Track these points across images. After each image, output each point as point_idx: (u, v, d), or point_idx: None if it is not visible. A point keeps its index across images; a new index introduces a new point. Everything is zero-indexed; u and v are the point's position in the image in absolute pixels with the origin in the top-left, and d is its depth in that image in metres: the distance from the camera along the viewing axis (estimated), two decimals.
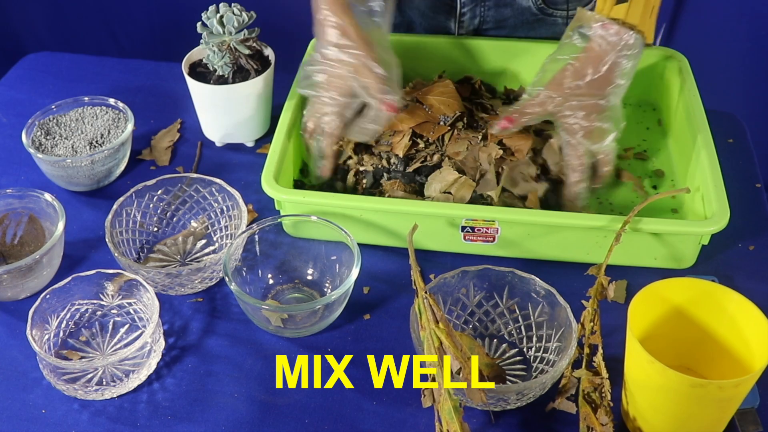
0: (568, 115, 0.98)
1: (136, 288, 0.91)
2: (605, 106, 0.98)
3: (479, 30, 1.23)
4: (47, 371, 0.86)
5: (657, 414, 0.77)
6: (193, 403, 0.86)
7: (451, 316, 0.90)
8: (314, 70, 1.01)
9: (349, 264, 0.92)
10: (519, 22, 1.21)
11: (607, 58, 0.96)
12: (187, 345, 0.92)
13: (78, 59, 1.36)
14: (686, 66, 1.14)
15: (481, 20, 1.21)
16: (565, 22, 1.21)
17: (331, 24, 0.99)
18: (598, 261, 0.92)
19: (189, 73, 1.13)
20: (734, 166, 1.09)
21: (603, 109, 0.98)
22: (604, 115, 0.98)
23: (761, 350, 0.75)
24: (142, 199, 1.01)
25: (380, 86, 0.98)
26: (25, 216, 1.02)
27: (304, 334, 0.92)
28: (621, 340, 0.79)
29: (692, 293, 0.81)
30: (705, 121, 1.05)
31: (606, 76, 0.96)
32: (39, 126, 1.11)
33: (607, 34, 0.95)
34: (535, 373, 0.87)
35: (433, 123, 1.06)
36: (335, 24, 0.98)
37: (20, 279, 0.94)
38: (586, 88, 0.97)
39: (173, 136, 1.19)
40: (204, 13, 1.09)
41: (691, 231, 0.94)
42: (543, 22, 1.21)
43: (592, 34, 0.96)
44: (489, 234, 0.96)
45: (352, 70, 0.98)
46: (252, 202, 1.07)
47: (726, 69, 1.94)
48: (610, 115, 0.98)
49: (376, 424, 0.84)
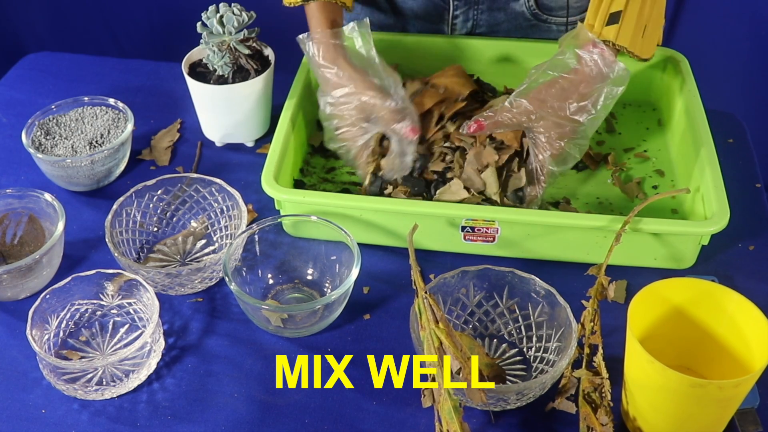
0: (541, 132, 0.98)
1: (136, 288, 0.91)
2: (579, 132, 0.98)
3: (472, 34, 1.23)
4: (47, 371, 0.86)
5: (657, 414, 0.77)
6: (193, 403, 0.86)
7: (451, 316, 0.90)
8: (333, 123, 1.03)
9: (349, 264, 0.92)
10: (512, 27, 1.21)
11: (595, 86, 0.96)
12: (187, 345, 0.92)
13: (78, 59, 1.36)
14: (686, 66, 1.14)
15: (474, 24, 1.21)
16: (558, 29, 1.21)
17: (329, 75, 1.01)
18: (598, 261, 0.92)
19: (189, 73, 1.13)
20: (734, 166, 1.09)
21: (575, 135, 0.98)
22: (574, 141, 0.99)
23: (761, 350, 0.75)
24: (142, 199, 1.01)
25: (394, 116, 0.99)
26: (25, 216, 1.02)
27: (304, 334, 0.92)
28: (621, 340, 0.79)
29: (692, 293, 0.81)
30: (705, 121, 1.05)
31: (587, 104, 0.97)
32: (39, 126, 1.11)
33: (601, 62, 0.96)
34: (535, 373, 0.87)
35: (450, 100, 1.07)
36: (332, 74, 1.01)
37: (20, 279, 0.94)
38: (566, 111, 0.97)
39: (173, 136, 1.19)
40: (204, 13, 1.09)
41: (691, 231, 0.94)
42: (537, 28, 1.21)
43: (585, 57, 0.96)
44: (489, 234, 0.96)
45: (365, 113, 1.00)
46: (252, 202, 1.07)
47: (726, 69, 1.94)
48: (580, 142, 0.99)
49: (376, 424, 0.84)
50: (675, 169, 1.10)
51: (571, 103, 0.97)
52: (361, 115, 1.01)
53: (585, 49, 0.97)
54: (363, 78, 1.00)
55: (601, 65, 0.96)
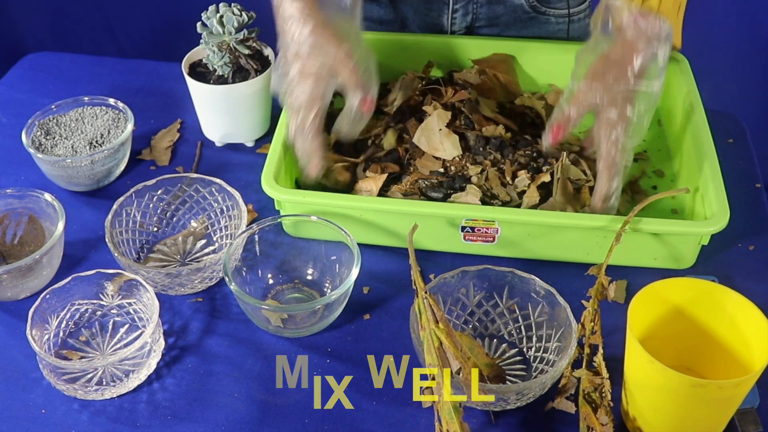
0: (609, 108, 0.93)
1: (136, 288, 0.91)
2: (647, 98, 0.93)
3: (472, 27, 1.23)
4: (47, 371, 0.86)
5: (657, 414, 0.77)
6: (193, 403, 0.86)
7: (451, 316, 0.90)
8: (286, 70, 0.95)
9: (349, 264, 0.92)
10: (511, 20, 1.21)
11: (648, 50, 0.92)
12: (187, 345, 0.92)
13: (78, 59, 1.36)
14: (686, 66, 1.14)
15: (474, 17, 1.21)
16: (557, 21, 1.21)
17: (300, 20, 0.93)
18: (598, 261, 0.92)
19: (189, 73, 1.13)
20: (734, 166, 1.09)
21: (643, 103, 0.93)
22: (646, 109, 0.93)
23: (761, 350, 0.75)
24: (142, 199, 1.01)
25: (357, 80, 0.93)
26: (25, 216, 1.02)
27: (304, 334, 0.92)
28: (621, 340, 0.79)
29: (692, 293, 0.81)
30: (705, 121, 1.05)
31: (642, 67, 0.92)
32: (39, 126, 1.11)
33: (644, 25, 0.92)
34: (535, 373, 0.87)
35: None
36: (304, 20, 0.93)
37: (20, 279, 0.94)
38: (629, 81, 0.92)
39: (173, 136, 1.19)
40: (204, 13, 1.09)
41: (691, 231, 0.94)
42: (536, 20, 1.21)
43: (626, 24, 0.92)
44: (489, 234, 0.96)
45: (327, 68, 0.93)
46: (252, 202, 1.07)
47: (726, 69, 1.95)
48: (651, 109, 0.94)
49: (376, 424, 0.84)
50: (675, 169, 1.10)
51: (632, 70, 0.92)
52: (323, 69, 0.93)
53: (628, 18, 0.92)
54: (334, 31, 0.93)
55: (643, 28, 0.92)
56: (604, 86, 0.93)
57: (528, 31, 1.22)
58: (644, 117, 0.94)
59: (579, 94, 0.94)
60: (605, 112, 0.93)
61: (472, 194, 0.99)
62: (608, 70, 0.93)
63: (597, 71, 0.94)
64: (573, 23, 1.23)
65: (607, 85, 0.93)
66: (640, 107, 0.93)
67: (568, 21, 1.22)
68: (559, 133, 0.95)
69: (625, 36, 0.93)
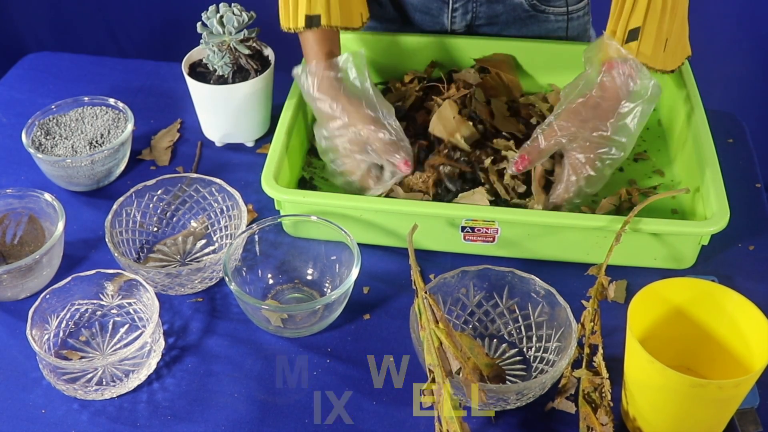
0: (580, 152, 0.96)
1: (136, 288, 0.91)
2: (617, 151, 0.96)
3: (471, 26, 1.23)
4: (47, 371, 0.86)
5: (657, 414, 0.77)
6: (193, 403, 0.86)
7: (451, 316, 0.90)
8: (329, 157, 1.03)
9: (349, 264, 0.92)
10: (511, 19, 1.21)
11: (631, 104, 0.95)
12: (187, 345, 0.92)
13: (78, 59, 1.36)
14: (686, 66, 1.14)
15: (474, 16, 1.21)
16: (557, 19, 1.22)
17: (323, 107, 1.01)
18: (598, 261, 0.92)
19: (189, 73, 1.13)
20: (734, 166, 1.09)
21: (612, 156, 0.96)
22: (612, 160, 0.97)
23: (761, 350, 0.75)
24: (142, 199, 1.01)
25: (388, 148, 0.99)
26: (25, 216, 1.02)
27: (304, 334, 0.92)
28: (621, 340, 0.79)
29: (692, 293, 0.81)
30: (705, 121, 1.05)
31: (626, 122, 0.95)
32: (39, 126, 1.11)
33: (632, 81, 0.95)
34: (535, 373, 0.87)
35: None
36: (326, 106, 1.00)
37: (20, 279, 0.94)
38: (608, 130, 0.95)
39: (173, 136, 1.19)
40: (204, 13, 1.09)
41: (690, 231, 0.94)
42: (535, 18, 1.21)
43: (617, 76, 0.95)
44: (489, 234, 0.96)
45: (359, 145, 1.00)
46: (252, 202, 1.07)
47: (726, 69, 1.95)
48: (615, 162, 0.97)
49: (376, 424, 0.84)
50: (675, 169, 1.10)
51: (612, 122, 0.95)
52: (356, 147, 1.01)
53: (615, 66, 0.95)
54: (357, 110, 0.99)
55: (632, 85, 0.95)
56: (579, 129, 0.96)
57: (527, 30, 1.22)
58: (608, 170, 0.98)
59: (553, 130, 0.96)
60: (574, 153, 0.97)
61: (479, 194, 1.00)
62: (588, 116, 0.96)
63: (578, 112, 0.96)
64: (572, 21, 1.23)
65: (584, 128, 0.96)
66: (606, 160, 0.97)
67: (567, 19, 1.22)
68: (523, 163, 0.98)
69: (613, 83, 0.96)
